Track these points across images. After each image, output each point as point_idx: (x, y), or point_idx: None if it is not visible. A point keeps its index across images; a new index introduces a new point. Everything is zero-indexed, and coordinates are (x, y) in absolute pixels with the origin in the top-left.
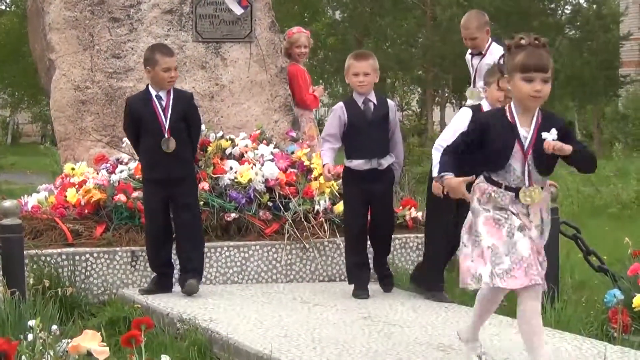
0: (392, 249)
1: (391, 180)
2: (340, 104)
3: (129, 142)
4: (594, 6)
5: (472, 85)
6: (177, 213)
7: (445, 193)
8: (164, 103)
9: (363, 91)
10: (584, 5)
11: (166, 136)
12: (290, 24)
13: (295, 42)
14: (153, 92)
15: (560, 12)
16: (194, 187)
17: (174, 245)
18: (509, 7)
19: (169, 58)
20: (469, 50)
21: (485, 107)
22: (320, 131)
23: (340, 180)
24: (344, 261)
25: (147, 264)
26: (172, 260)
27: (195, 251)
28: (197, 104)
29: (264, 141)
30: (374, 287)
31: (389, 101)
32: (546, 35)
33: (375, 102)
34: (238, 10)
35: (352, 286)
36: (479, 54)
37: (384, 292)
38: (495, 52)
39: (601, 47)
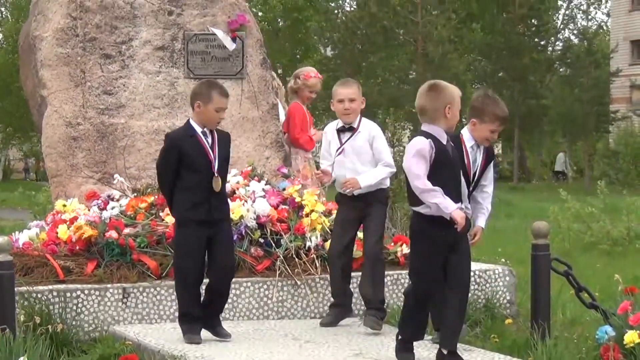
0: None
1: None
2: (426, 139)
3: (121, 179)
4: (585, 43)
5: None
6: (220, 254)
7: None
8: (210, 140)
9: (451, 127)
10: (575, 42)
11: (215, 174)
12: (282, 60)
13: (312, 87)
14: (198, 129)
15: (550, 48)
16: (230, 228)
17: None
18: (499, 43)
19: (225, 99)
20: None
21: (467, 136)
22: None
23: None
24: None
25: (138, 301)
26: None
27: (227, 296)
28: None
29: (256, 178)
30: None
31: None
32: (537, 72)
33: (450, 139)
34: (231, 46)
35: (341, 324)
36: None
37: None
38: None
39: (592, 83)
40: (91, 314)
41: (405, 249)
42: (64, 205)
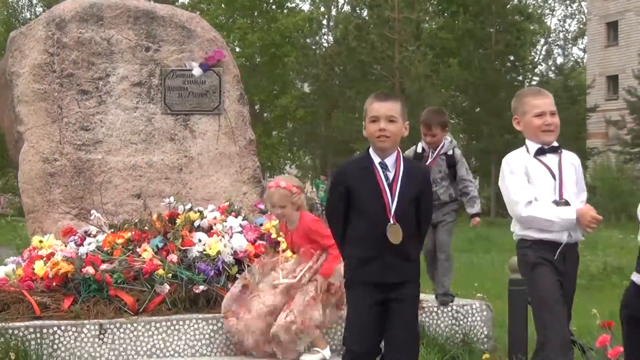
0: None
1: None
2: None
3: (98, 215)
4: (561, 78)
5: None
6: (394, 330)
7: None
8: (390, 175)
9: None
10: (552, 77)
11: (391, 222)
12: (260, 96)
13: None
14: (376, 159)
15: (527, 84)
16: (417, 295)
17: None
18: (476, 79)
19: (378, 103)
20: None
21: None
22: None
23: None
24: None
25: (115, 337)
26: None
27: None
28: (165, 175)
29: (233, 213)
30: None
31: None
32: None
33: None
34: (198, 73)
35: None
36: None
37: None
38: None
39: (568, 119)
40: (67, 349)
41: None
42: (41, 241)
